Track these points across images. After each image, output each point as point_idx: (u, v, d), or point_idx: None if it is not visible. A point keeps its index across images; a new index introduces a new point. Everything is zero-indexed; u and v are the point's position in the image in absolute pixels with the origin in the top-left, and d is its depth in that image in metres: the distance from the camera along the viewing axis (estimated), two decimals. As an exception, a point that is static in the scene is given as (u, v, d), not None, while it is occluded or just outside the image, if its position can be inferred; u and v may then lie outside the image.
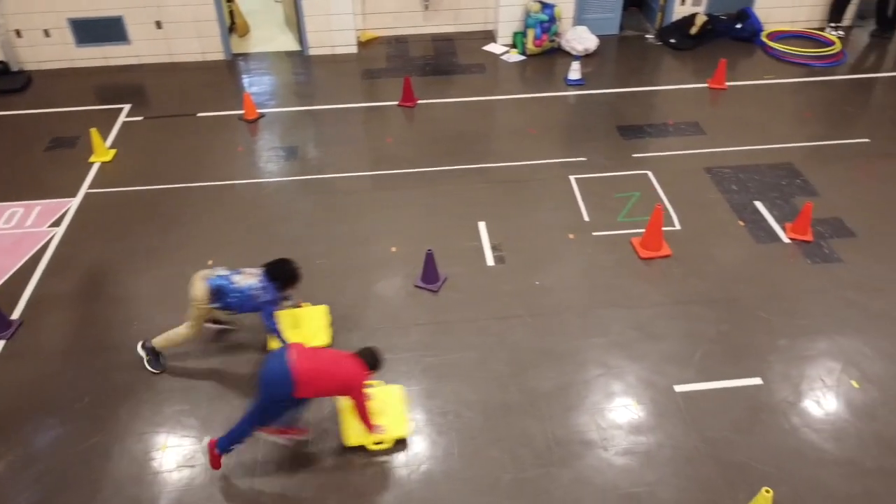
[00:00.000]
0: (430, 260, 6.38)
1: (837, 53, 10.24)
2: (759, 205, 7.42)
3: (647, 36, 11.00)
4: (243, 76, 10.13)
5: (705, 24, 10.50)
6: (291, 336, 5.60)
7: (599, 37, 10.60)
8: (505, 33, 10.68)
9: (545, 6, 10.19)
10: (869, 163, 8.04)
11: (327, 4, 10.15)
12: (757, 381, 5.59)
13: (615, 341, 5.94)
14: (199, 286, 5.36)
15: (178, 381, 5.66)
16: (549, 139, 8.56)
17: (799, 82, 9.70)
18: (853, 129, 8.64)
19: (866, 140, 8.43)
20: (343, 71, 10.17)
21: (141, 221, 7.34)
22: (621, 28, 11.07)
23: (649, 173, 7.90)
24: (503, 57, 10.43)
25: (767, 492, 4.32)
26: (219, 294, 5.35)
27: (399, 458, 5.09)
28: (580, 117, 9.05)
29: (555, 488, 4.87)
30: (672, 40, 10.61)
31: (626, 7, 11.04)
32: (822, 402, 5.44)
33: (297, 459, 5.08)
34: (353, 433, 5.07)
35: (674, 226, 7.14)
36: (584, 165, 8.04)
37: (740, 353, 5.81)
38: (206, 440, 5.12)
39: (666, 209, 7.34)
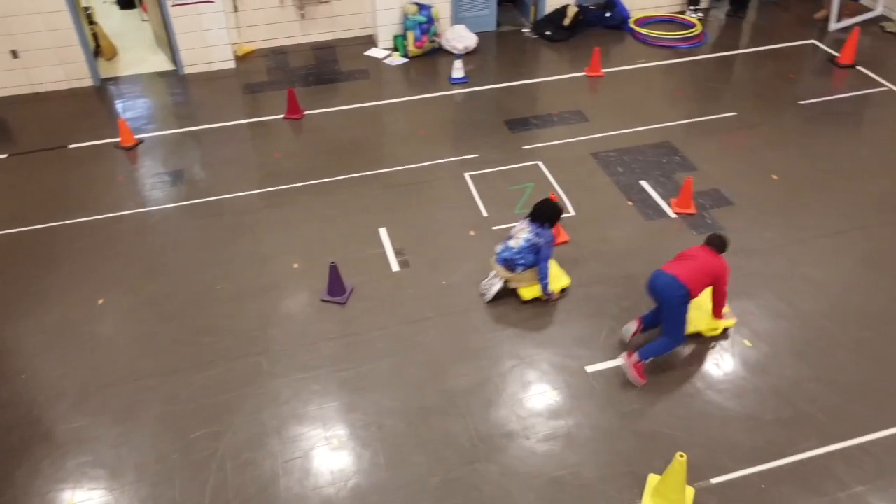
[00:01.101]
0: (334, 272, 6.29)
1: (699, 34, 10.88)
2: (644, 184, 7.77)
3: (524, 30, 11.29)
4: (116, 101, 9.62)
5: (577, 14, 10.88)
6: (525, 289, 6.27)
7: (478, 34, 10.78)
8: (385, 37, 10.67)
9: (422, 7, 10.26)
10: (738, 134, 8.59)
11: (199, 20, 9.80)
12: (661, 351, 5.86)
13: (525, 331, 6.06)
14: (498, 269, 6.19)
15: (77, 433, 5.31)
16: (441, 139, 8.63)
17: (668, 64, 10.24)
18: (721, 105, 9.20)
19: (734, 113, 9.00)
20: (223, 87, 9.86)
21: (17, 267, 6.83)
22: (498, 24, 11.30)
23: (540, 163, 8.11)
24: (386, 61, 10.42)
25: (681, 456, 4.53)
26: (511, 264, 6.09)
27: (325, 476, 5.00)
28: (468, 114, 9.18)
29: (483, 484, 4.92)
30: (547, 33, 10.93)
31: (500, 3, 11.28)
32: (720, 363, 5.77)
33: (217, 495, 4.89)
34: (696, 322, 5.85)
35: (568, 212, 7.37)
36: (477, 162, 8.16)
37: (643, 328, 6.07)
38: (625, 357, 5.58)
39: (560, 196, 7.56)
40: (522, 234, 6.05)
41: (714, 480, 4.91)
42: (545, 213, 6.06)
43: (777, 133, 8.59)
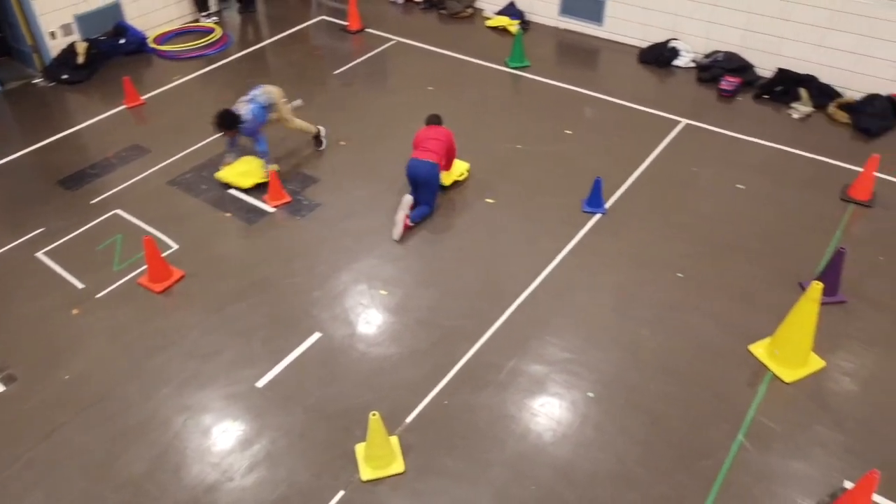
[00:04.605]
0: (-83, 431, 5.00)
1: (222, 37, 11.01)
2: (233, 192, 7.73)
3: (36, 80, 10.07)
4: None
5: (89, 49, 10.09)
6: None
7: (-19, 100, 9.30)
8: None
9: None
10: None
11: None
12: (317, 335, 6.03)
13: (182, 381, 5.67)
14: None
15: None
16: (-11, 228, 7.34)
17: (204, 73, 10.18)
18: (270, 95, 9.52)
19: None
20: None
21: None
22: (1, 83, 9.88)
23: (119, 211, 7.48)
24: None
25: (374, 415, 4.79)
26: None
27: None
28: (9, 189, 7.93)
29: (207, 550, 4.56)
30: (65, 76, 9.94)
31: (-8, 60, 9.85)
32: (370, 320, 6.18)
33: None
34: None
35: (171, 247, 6.99)
36: (47, 236, 7.17)
37: (291, 323, 6.15)
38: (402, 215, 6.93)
39: (155, 236, 7.10)
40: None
41: (408, 420, 5.32)
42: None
43: (327, 105, 9.27)
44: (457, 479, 4.92)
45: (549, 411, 5.38)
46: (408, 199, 7.01)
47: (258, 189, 7.72)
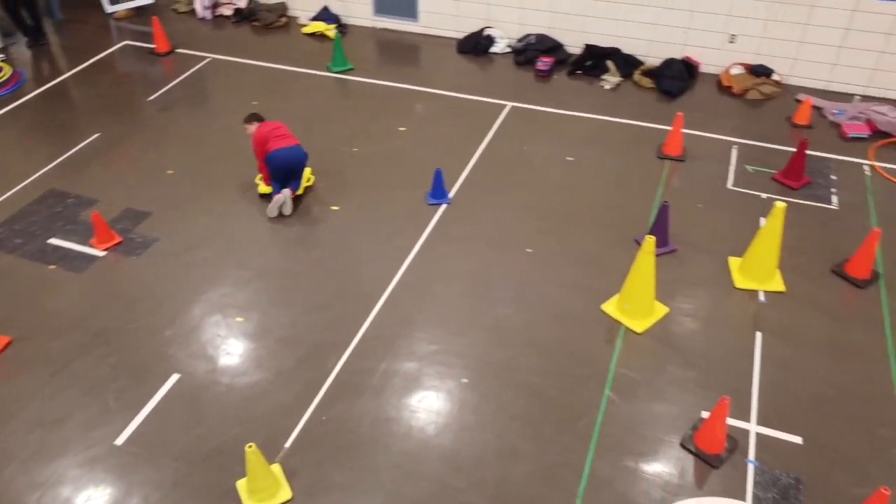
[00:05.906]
0: None
1: (13, 76, 10.02)
2: (56, 241, 7.08)
3: None
4: None
5: None
6: None
7: None
8: None
9: None
10: (114, 151, 8.42)
11: None
12: (175, 377, 5.68)
13: (27, 456, 5.11)
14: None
15: None
16: None
17: (1, 115, 9.24)
18: (81, 132, 8.80)
19: (98, 135, 8.73)
20: None
21: None
22: None
23: (-81, 284, 6.61)
24: None
25: (250, 447, 4.58)
26: None
27: None
28: None
29: None
30: None
31: None
32: (229, 350, 5.91)
33: None
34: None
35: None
36: None
37: (144, 369, 5.75)
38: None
39: (-32, 304, 6.36)
40: None
41: (287, 444, 5.15)
42: None
43: (146, 134, 8.72)
44: (348, 492, 4.84)
45: (427, 405, 5.42)
46: (279, 197, 7.20)
47: (83, 234, 7.12)
